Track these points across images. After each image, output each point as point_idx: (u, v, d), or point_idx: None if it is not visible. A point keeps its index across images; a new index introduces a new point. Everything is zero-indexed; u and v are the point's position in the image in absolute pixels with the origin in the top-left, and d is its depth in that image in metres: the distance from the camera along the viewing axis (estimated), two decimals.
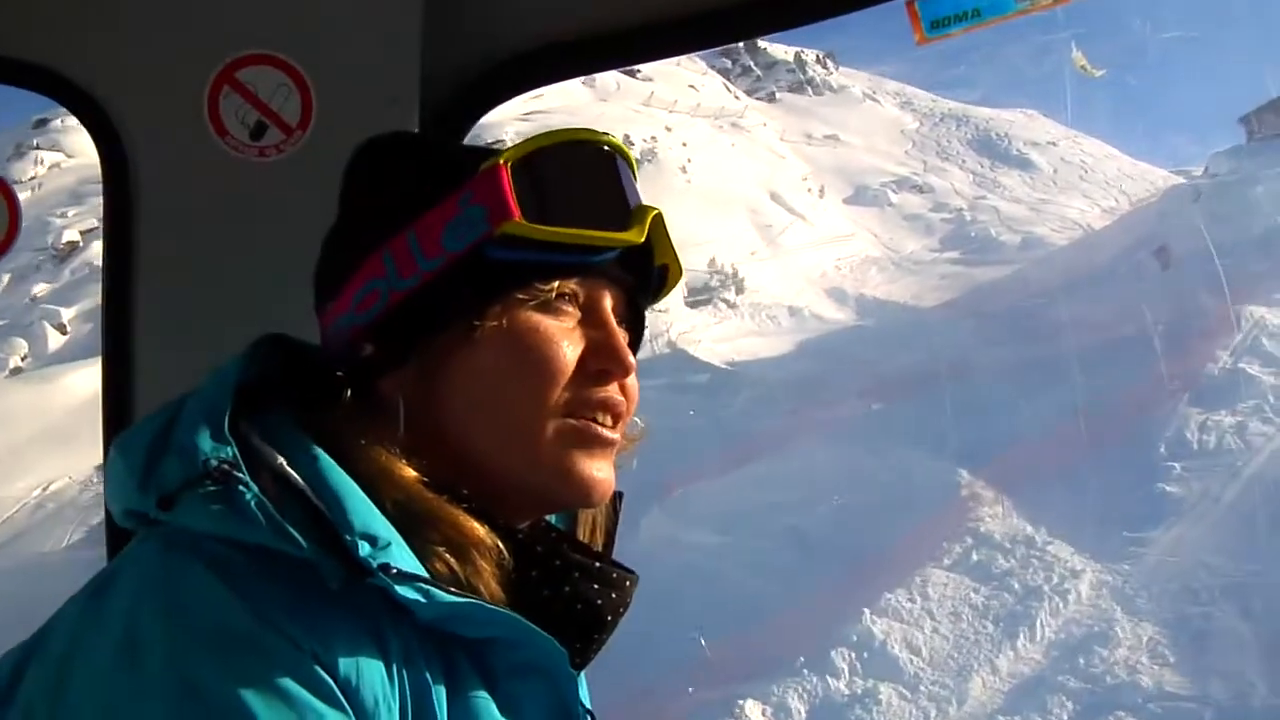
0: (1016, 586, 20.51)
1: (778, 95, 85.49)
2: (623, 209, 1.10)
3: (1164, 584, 20.69)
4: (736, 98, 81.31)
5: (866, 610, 19.49)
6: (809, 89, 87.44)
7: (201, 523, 0.90)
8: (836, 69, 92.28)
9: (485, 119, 1.94)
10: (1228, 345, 28.95)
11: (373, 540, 0.90)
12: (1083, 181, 77.47)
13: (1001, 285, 51.31)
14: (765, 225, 64.18)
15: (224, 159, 1.72)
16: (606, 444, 1.09)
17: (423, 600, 0.91)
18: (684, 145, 65.60)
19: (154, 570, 0.90)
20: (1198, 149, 67.41)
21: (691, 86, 77.80)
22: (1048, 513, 23.03)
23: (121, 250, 1.78)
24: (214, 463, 0.90)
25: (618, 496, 1.18)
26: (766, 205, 66.95)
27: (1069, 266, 49.64)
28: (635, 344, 1.17)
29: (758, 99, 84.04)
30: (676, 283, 1.17)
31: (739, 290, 54.42)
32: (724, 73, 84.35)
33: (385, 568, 0.89)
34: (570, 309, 1.08)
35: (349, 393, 1.04)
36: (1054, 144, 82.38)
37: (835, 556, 21.78)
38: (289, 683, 0.83)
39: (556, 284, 1.06)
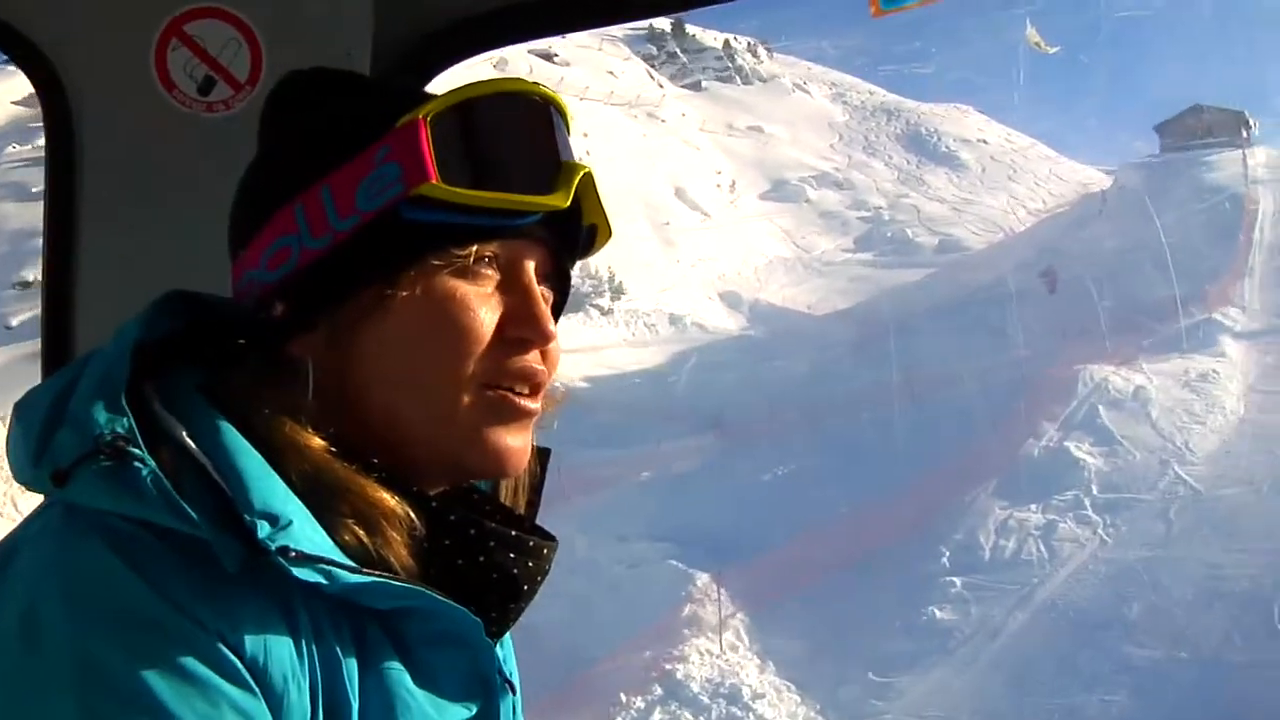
0: None
1: (704, 84, 79.36)
2: (550, 168, 0.98)
3: None
4: (660, 86, 75.32)
5: None
6: (737, 78, 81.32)
7: (96, 500, 0.82)
8: (771, 56, 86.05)
9: None
10: (1058, 416, 23.31)
11: (273, 519, 0.82)
12: (1011, 181, 72.00)
13: (899, 296, 46.20)
14: (663, 223, 58.62)
15: (171, 113, 1.61)
16: (525, 415, 0.99)
17: (324, 581, 0.83)
18: (585, 135, 59.60)
19: (53, 547, 0.83)
20: (1144, 143, 62.18)
21: (610, 73, 71.85)
22: (781, 644, 17.59)
23: (64, 205, 1.67)
24: (108, 436, 0.82)
25: (545, 454, 1.10)
26: (669, 202, 61.32)
27: (962, 282, 44.39)
28: (560, 305, 1.08)
29: (682, 87, 77.99)
30: (606, 242, 1.06)
31: (616, 296, 48.91)
32: (648, 59, 78.17)
33: (284, 550, 0.81)
34: (489, 272, 0.97)
35: (256, 355, 0.95)
36: (985, 141, 76.77)
37: (537, 672, 16.24)
38: (194, 664, 0.78)
39: (475, 248, 0.96)
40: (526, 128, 0.98)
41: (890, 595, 18.20)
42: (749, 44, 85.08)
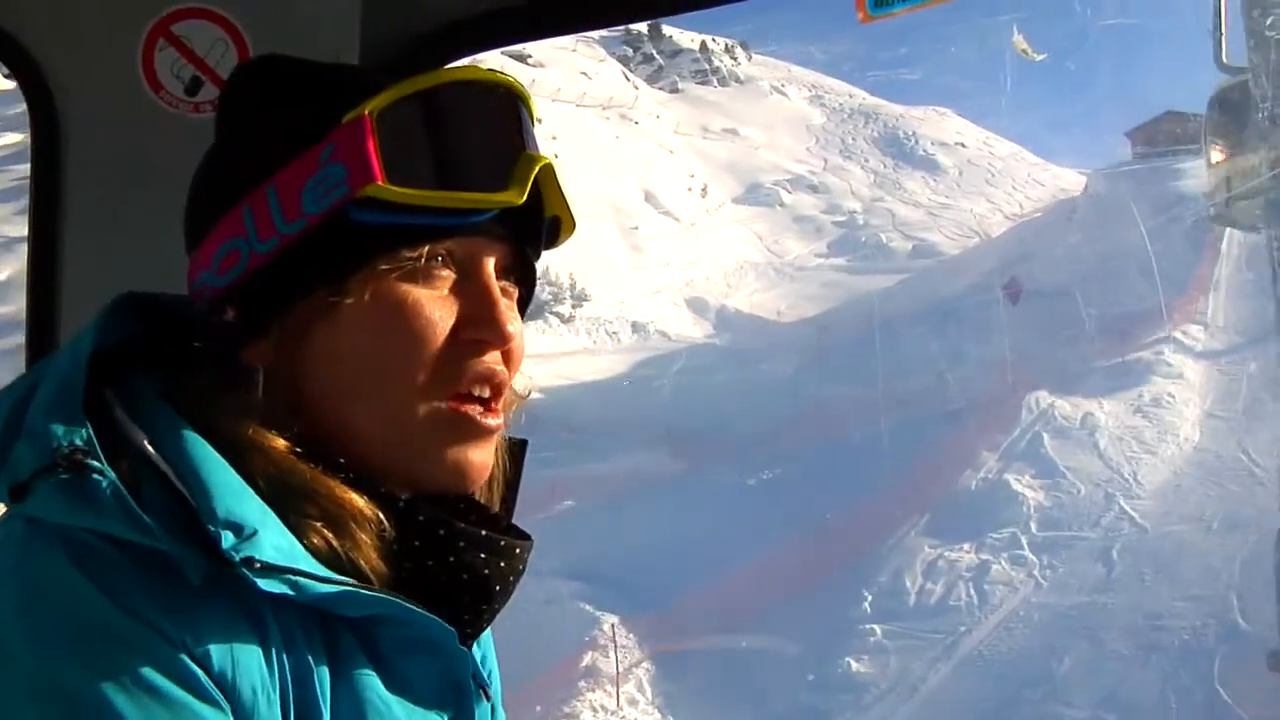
0: None
1: (680, 85, 77.81)
2: (505, 161, 0.93)
3: None
4: (636, 87, 73.83)
5: None
6: (714, 79, 79.77)
7: (54, 514, 0.80)
8: (749, 58, 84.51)
9: None
10: (999, 444, 21.86)
11: (237, 529, 0.80)
12: (988, 185, 70.66)
13: (866, 305, 44.97)
14: (631, 228, 57.28)
15: (158, 114, 1.62)
16: (484, 431, 0.94)
17: (291, 593, 0.81)
18: (554, 139, 58.18)
19: (13, 559, 0.81)
20: (1127, 148, 60.66)
21: (584, 74, 70.33)
22: (686, 698, 16.15)
23: (48, 204, 1.67)
24: (65, 448, 0.80)
25: (520, 447, 1.05)
26: (637, 206, 59.95)
27: (927, 292, 43.11)
28: (526, 299, 1.03)
29: (658, 89, 76.48)
30: (570, 234, 1.00)
31: (578, 303, 47.46)
32: (624, 60, 76.53)
33: (248, 561, 0.79)
34: (444, 271, 0.93)
35: (215, 357, 0.93)
36: (963, 144, 75.32)
37: None
38: (158, 678, 0.76)
39: (426, 249, 0.91)
40: (480, 119, 0.91)
41: (805, 644, 16.81)
42: (726, 45, 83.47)
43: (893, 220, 63.94)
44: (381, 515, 0.87)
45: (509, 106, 0.94)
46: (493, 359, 0.93)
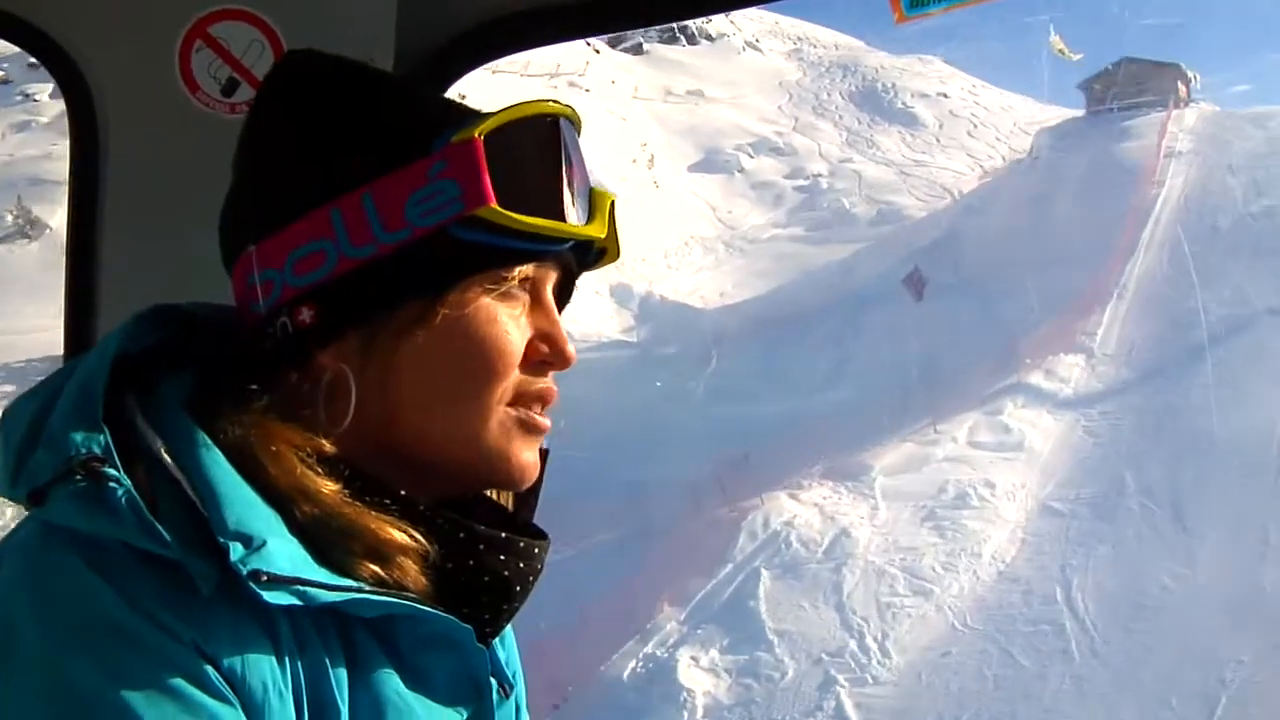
0: None
1: (645, 47, 69.74)
2: (585, 194, 0.94)
3: None
4: (596, 51, 66.03)
5: None
6: (682, 38, 71.27)
7: (71, 520, 0.78)
8: (728, 14, 75.52)
9: None
10: (691, 594, 14.44)
11: (246, 540, 0.78)
12: (970, 138, 61.88)
13: (792, 293, 37.93)
14: None
15: (195, 114, 1.58)
16: (541, 432, 0.98)
17: (298, 603, 0.79)
18: None
19: (29, 561, 0.79)
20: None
21: None
22: None
23: (87, 204, 1.63)
24: (83, 455, 0.78)
25: (543, 455, 1.04)
26: None
27: (833, 285, 35.52)
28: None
29: (622, 51, 68.46)
30: (612, 262, 1.01)
31: None
32: None
33: (255, 574, 0.77)
34: (521, 293, 0.94)
35: (261, 373, 0.89)
36: (945, 95, 66.20)
37: None
38: (167, 675, 0.74)
39: (518, 270, 0.92)
40: (566, 152, 0.91)
41: None
42: None
43: (859, 183, 55.92)
44: (424, 541, 0.84)
45: (578, 139, 0.92)
46: (550, 379, 0.94)
